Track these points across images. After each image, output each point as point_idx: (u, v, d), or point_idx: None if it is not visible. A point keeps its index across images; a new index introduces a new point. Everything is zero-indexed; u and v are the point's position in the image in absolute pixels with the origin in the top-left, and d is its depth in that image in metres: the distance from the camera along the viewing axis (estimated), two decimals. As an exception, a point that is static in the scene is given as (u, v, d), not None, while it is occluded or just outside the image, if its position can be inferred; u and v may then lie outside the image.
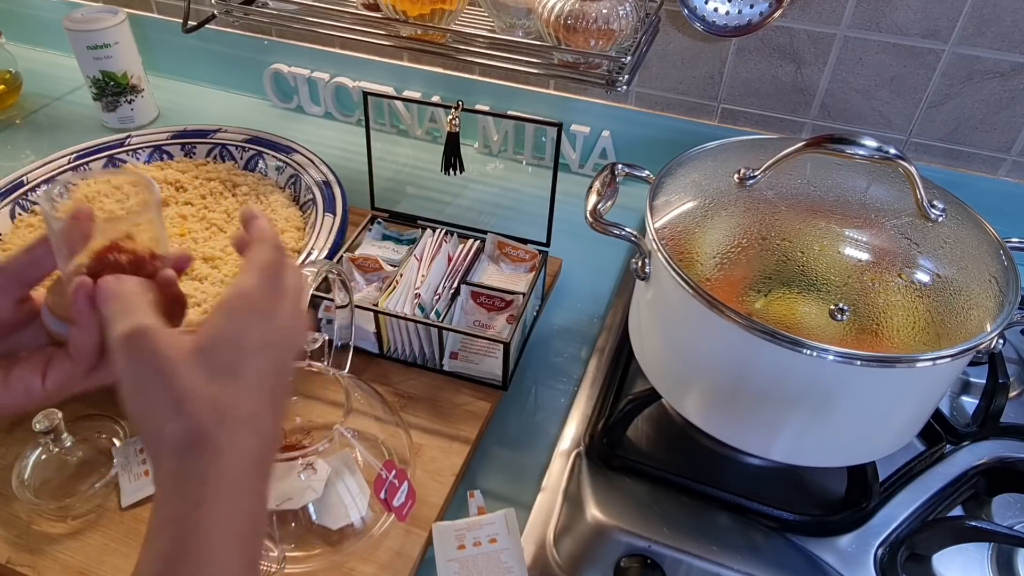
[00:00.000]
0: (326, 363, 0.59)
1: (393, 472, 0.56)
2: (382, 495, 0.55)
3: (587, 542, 0.56)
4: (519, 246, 0.76)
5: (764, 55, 0.84)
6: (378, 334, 0.69)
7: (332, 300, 0.65)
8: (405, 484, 0.57)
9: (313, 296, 0.66)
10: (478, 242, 0.76)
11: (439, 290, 0.71)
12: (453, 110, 0.71)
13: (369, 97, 0.77)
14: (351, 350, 0.63)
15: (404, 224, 0.80)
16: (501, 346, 0.65)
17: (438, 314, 0.69)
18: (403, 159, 1.02)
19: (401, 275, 0.71)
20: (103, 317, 0.36)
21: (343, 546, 0.55)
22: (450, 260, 0.74)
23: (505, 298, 0.70)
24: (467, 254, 0.75)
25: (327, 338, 0.60)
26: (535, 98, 0.96)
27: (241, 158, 0.90)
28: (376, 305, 0.68)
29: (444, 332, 0.67)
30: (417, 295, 0.69)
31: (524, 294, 0.70)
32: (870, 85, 0.82)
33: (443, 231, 0.76)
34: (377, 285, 0.72)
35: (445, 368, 0.69)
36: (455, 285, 0.71)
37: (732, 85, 0.87)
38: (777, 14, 0.77)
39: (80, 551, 0.56)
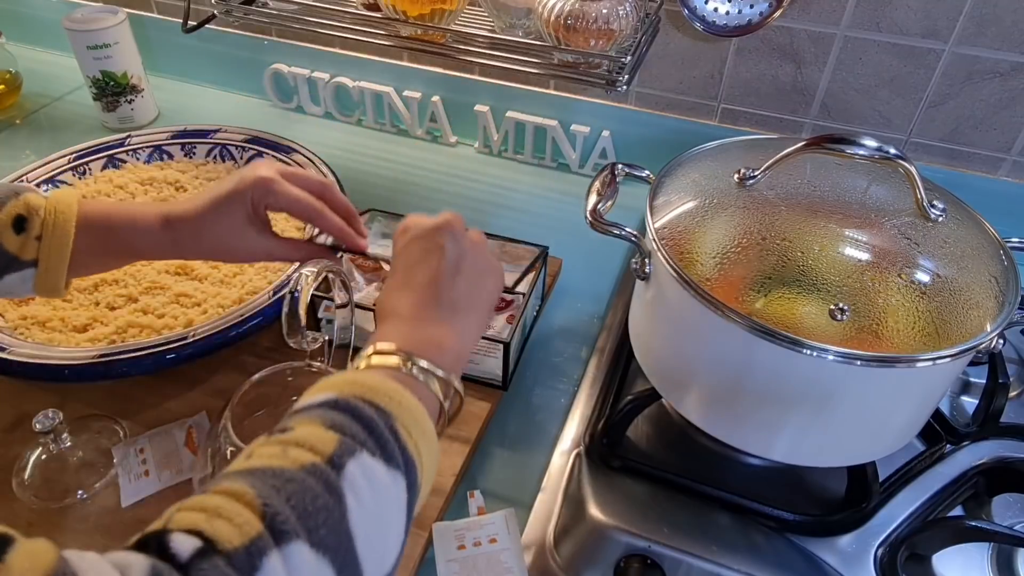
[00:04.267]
0: (326, 363, 0.59)
1: None
2: None
3: (587, 542, 0.56)
4: (519, 246, 0.76)
5: (764, 55, 0.84)
6: None
7: (332, 300, 0.65)
8: None
9: (313, 296, 0.66)
10: None
11: None
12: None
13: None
14: (351, 350, 0.63)
15: None
16: (501, 346, 0.65)
17: None
18: (403, 159, 1.02)
19: None
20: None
21: None
22: None
23: (505, 298, 0.70)
24: None
25: (327, 338, 0.60)
26: (535, 98, 0.96)
27: (241, 158, 0.90)
28: (376, 305, 0.67)
29: None
30: None
31: (524, 294, 0.70)
32: (870, 85, 0.82)
33: None
34: (377, 285, 0.72)
35: None
36: None
37: (732, 85, 0.87)
38: (777, 14, 0.77)
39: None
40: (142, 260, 0.61)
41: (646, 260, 0.57)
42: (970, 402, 0.67)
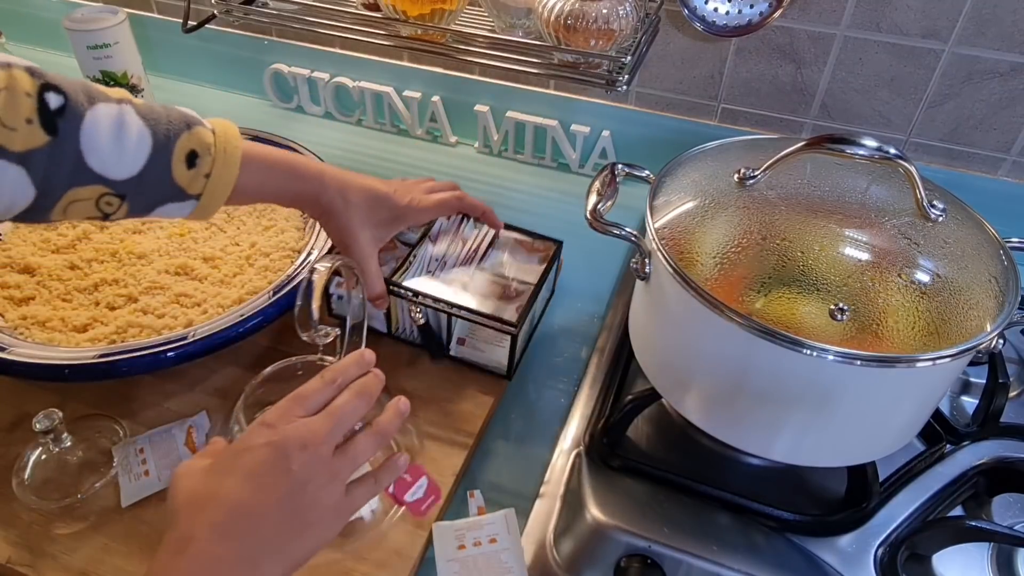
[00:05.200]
0: (338, 357, 0.59)
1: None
2: (391, 489, 0.55)
3: (587, 542, 0.56)
4: (536, 241, 0.75)
5: (764, 55, 0.84)
6: (388, 313, 0.69)
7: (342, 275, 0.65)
8: (423, 479, 0.56)
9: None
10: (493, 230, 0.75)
11: (453, 274, 0.70)
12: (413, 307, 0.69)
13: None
14: (365, 327, 0.62)
15: None
16: (508, 337, 0.65)
17: None
18: (403, 159, 1.02)
19: (415, 256, 0.70)
20: None
21: (352, 539, 0.56)
22: (465, 245, 0.73)
23: (517, 288, 0.70)
24: (482, 239, 0.74)
25: (339, 333, 0.60)
26: (535, 98, 0.96)
27: (241, 158, 0.90)
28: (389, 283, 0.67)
29: (453, 317, 0.66)
30: (430, 275, 0.68)
31: (535, 284, 0.69)
32: (870, 85, 0.82)
33: (460, 216, 0.76)
34: (392, 265, 0.71)
35: (452, 353, 0.69)
36: (471, 271, 0.71)
37: (732, 85, 0.87)
38: (777, 14, 0.77)
39: (80, 551, 0.56)
40: (282, 204, 0.63)
41: (646, 260, 0.57)
42: (970, 402, 0.67)
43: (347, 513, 0.44)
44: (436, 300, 0.66)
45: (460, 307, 0.66)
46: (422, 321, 0.67)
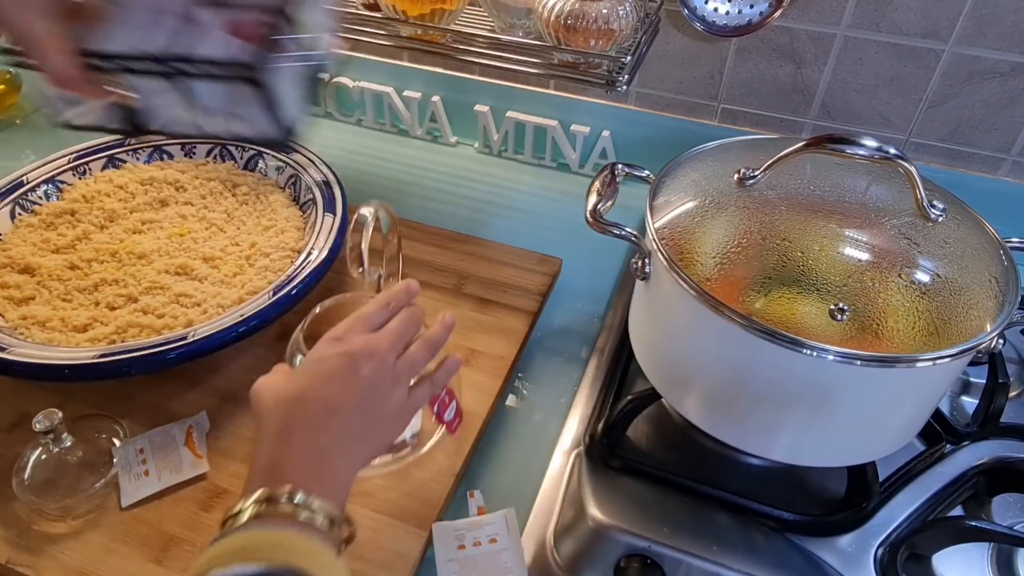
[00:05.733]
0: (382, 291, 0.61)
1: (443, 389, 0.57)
2: (435, 409, 0.56)
3: (587, 542, 0.56)
4: None
5: (764, 55, 0.84)
6: (128, 110, 0.52)
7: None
8: (454, 402, 0.57)
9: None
10: None
11: (178, 26, 0.48)
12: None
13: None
14: (400, 263, 0.65)
15: None
16: (252, 83, 0.47)
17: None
18: (403, 159, 1.02)
19: (118, 11, 0.49)
20: None
21: (398, 457, 0.60)
22: None
23: (269, 22, 0.48)
24: None
25: (380, 274, 0.62)
26: (535, 98, 0.96)
27: (241, 158, 0.90)
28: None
29: (181, 75, 0.48)
30: (149, 35, 0.48)
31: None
32: (870, 85, 0.82)
33: None
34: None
35: (219, 134, 0.52)
36: (204, 15, 0.49)
37: (732, 85, 0.87)
38: (777, 14, 0.77)
39: (80, 551, 0.56)
40: None
41: (646, 260, 0.57)
42: (970, 402, 0.67)
43: (411, 412, 0.51)
44: (147, 59, 0.47)
45: (178, 58, 0.47)
46: (134, 99, 0.50)
